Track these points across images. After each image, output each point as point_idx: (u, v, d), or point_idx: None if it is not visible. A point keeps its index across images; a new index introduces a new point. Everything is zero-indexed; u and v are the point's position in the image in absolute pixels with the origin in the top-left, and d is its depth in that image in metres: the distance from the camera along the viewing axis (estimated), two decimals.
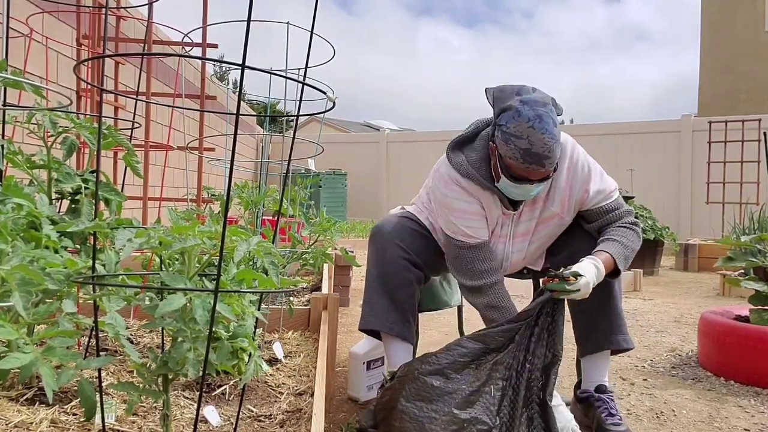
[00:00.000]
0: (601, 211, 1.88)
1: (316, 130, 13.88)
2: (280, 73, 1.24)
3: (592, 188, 1.85)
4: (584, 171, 1.86)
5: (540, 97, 1.70)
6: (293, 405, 1.41)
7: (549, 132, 1.64)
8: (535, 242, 1.93)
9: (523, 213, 1.88)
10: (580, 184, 1.85)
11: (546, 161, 1.66)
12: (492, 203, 1.86)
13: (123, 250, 0.98)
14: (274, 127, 7.59)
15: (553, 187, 1.84)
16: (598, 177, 1.87)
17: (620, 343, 1.88)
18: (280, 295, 2.25)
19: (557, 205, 1.86)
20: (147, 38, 2.25)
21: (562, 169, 1.83)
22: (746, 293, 2.68)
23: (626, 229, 1.84)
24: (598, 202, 1.87)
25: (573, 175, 1.84)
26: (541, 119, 1.64)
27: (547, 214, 1.88)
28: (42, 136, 1.40)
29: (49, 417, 1.14)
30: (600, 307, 1.87)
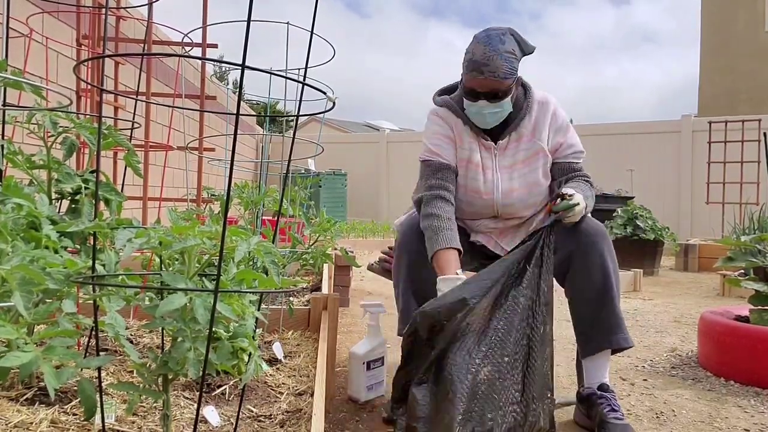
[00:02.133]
0: (567, 168, 2.06)
1: (316, 130, 13.88)
2: (280, 73, 1.24)
3: (568, 140, 2.06)
4: (563, 123, 2.07)
5: (500, 26, 1.94)
6: (293, 405, 1.41)
7: (491, 46, 1.85)
8: (526, 174, 2.04)
9: (509, 148, 2.04)
10: (556, 130, 2.05)
11: (484, 68, 1.85)
12: (464, 131, 2.05)
13: (123, 251, 0.98)
14: (274, 127, 7.60)
15: (537, 124, 2.03)
16: (572, 134, 2.08)
17: (620, 342, 1.90)
18: (280, 295, 2.25)
19: (543, 140, 2.03)
20: (147, 38, 2.25)
21: (546, 112, 2.04)
22: (746, 293, 2.68)
23: (584, 183, 2.02)
24: (567, 155, 2.06)
25: (554, 120, 2.05)
26: (489, 37, 1.87)
27: (534, 151, 2.04)
28: (42, 137, 1.40)
29: (49, 417, 1.14)
30: (599, 307, 1.91)
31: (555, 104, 2.08)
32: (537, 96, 2.07)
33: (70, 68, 3.97)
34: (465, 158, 2.06)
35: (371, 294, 4.41)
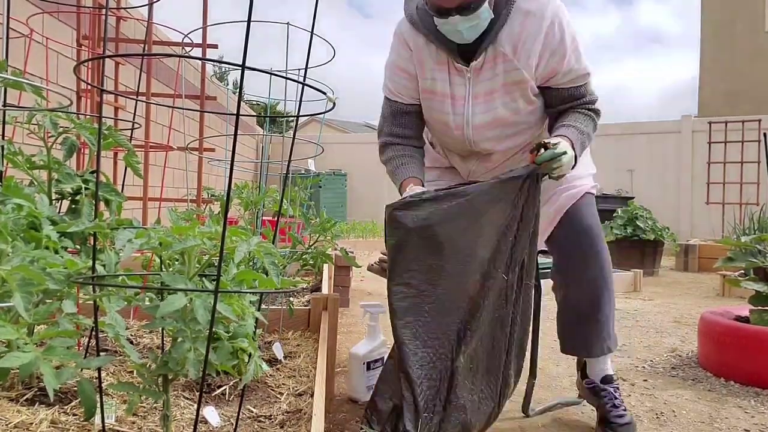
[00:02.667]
0: (566, 96, 1.76)
1: (316, 130, 13.89)
2: (280, 73, 1.24)
3: (565, 66, 1.70)
4: (561, 43, 1.68)
5: None
6: (293, 405, 1.41)
7: None
8: (507, 103, 1.76)
9: (484, 70, 1.73)
10: (551, 52, 1.69)
11: None
12: (428, 54, 1.76)
13: (123, 251, 0.98)
14: (274, 127, 7.60)
15: (523, 40, 1.67)
16: (572, 54, 1.70)
17: (609, 349, 1.89)
18: (280, 296, 2.25)
19: (524, 66, 1.69)
20: (147, 39, 2.25)
21: (537, 27, 1.66)
22: (746, 294, 2.68)
23: (584, 116, 1.76)
24: (566, 83, 1.74)
25: (549, 39, 1.67)
26: None
27: (515, 76, 1.71)
28: (42, 137, 1.40)
29: (49, 417, 1.14)
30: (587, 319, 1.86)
31: (553, 16, 1.66)
32: (526, 2, 1.67)
33: (70, 69, 3.97)
34: (428, 89, 1.81)
35: (371, 294, 4.41)
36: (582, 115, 1.75)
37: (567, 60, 1.69)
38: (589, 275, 1.81)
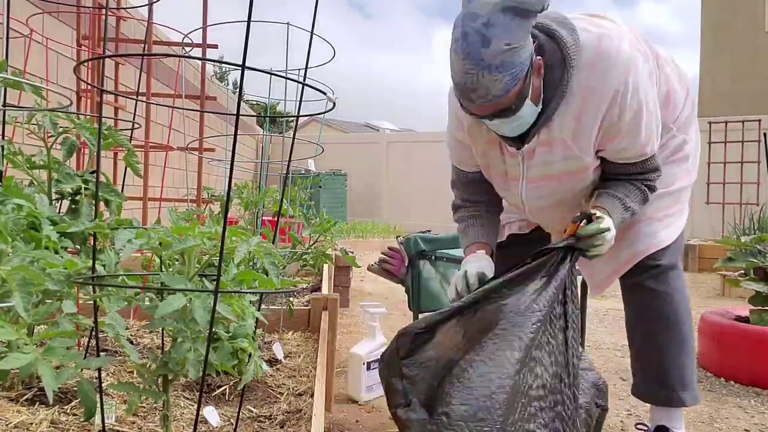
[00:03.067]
0: (619, 170, 1.54)
1: (316, 130, 13.88)
2: (280, 73, 1.24)
3: (614, 143, 1.47)
4: (619, 117, 1.41)
5: (482, 2, 1.29)
6: (293, 405, 1.41)
7: (471, 57, 1.28)
8: (560, 192, 1.59)
9: (538, 153, 1.51)
10: (606, 128, 1.45)
11: (473, 95, 1.32)
12: (480, 133, 1.57)
13: (123, 251, 0.98)
14: (274, 127, 7.60)
15: (581, 125, 1.43)
16: (628, 133, 1.44)
17: (684, 401, 1.65)
18: (280, 296, 2.25)
19: (586, 151, 1.47)
20: (147, 39, 2.25)
21: (598, 108, 1.40)
22: (746, 294, 2.68)
23: (635, 189, 1.53)
24: (616, 159, 1.53)
25: (606, 116, 1.42)
26: (466, 38, 1.29)
27: (577, 163, 1.50)
28: (42, 137, 1.40)
29: (49, 417, 1.14)
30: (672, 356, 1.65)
31: (617, 90, 1.37)
32: (587, 57, 1.37)
33: (70, 69, 3.97)
34: (485, 165, 1.66)
35: (371, 294, 4.41)
36: (634, 188, 1.53)
37: (619, 138, 1.46)
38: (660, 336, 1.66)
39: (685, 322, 1.65)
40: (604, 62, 1.39)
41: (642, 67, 1.43)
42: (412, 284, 2.62)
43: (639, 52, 1.45)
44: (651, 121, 1.47)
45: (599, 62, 1.39)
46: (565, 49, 1.38)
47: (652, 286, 1.64)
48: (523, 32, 1.30)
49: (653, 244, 1.62)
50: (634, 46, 1.45)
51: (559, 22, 1.42)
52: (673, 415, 1.67)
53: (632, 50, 1.42)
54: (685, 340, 1.65)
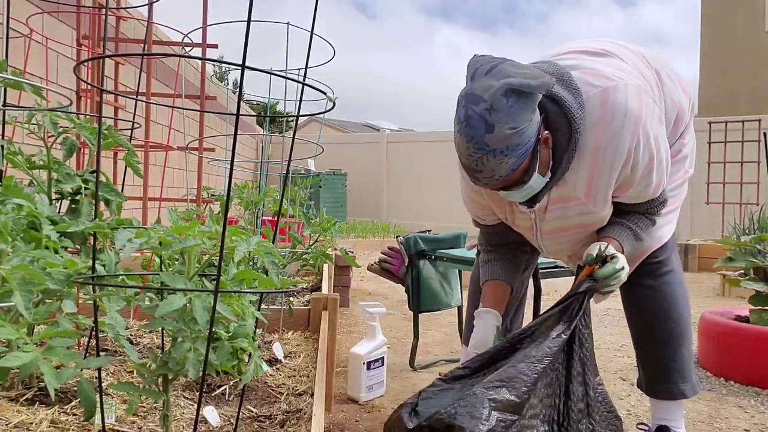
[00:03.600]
0: (630, 206, 1.56)
1: (316, 130, 13.88)
2: (280, 73, 1.24)
3: (627, 193, 1.49)
4: (631, 172, 1.43)
5: (485, 85, 1.30)
6: (293, 405, 1.41)
7: (475, 141, 1.29)
8: (576, 240, 1.62)
9: (551, 210, 1.54)
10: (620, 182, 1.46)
11: (479, 175, 1.34)
12: (494, 194, 1.57)
13: (123, 251, 0.98)
14: (274, 127, 7.60)
15: (594, 183, 1.44)
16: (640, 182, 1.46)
17: (685, 393, 1.68)
18: (280, 296, 2.25)
19: (601, 206, 1.49)
20: (147, 39, 2.25)
21: (611, 165, 1.40)
22: (746, 293, 2.68)
23: (645, 218, 1.57)
24: (631, 200, 1.54)
25: (620, 172, 1.42)
26: (468, 122, 1.30)
27: (592, 218, 1.53)
28: (42, 137, 1.40)
29: (49, 417, 1.14)
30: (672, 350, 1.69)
31: (629, 147, 1.37)
32: (593, 117, 1.37)
33: (70, 68, 3.97)
34: (503, 217, 1.68)
35: (371, 294, 4.41)
36: (644, 218, 1.56)
37: (633, 188, 1.48)
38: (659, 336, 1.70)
39: (683, 315, 1.68)
40: (612, 122, 1.37)
41: (650, 116, 1.41)
42: (412, 284, 2.62)
43: (646, 95, 1.43)
44: (662, 164, 1.47)
45: (607, 121, 1.37)
46: (570, 113, 1.37)
47: (650, 283, 1.67)
48: (528, 112, 1.30)
49: (656, 241, 1.65)
50: (641, 90, 1.42)
51: (561, 82, 1.39)
52: (673, 412, 1.69)
53: (640, 100, 1.40)
54: (684, 333, 1.68)
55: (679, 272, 1.72)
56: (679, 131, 1.69)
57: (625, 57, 1.54)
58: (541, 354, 1.35)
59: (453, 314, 2.99)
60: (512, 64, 1.34)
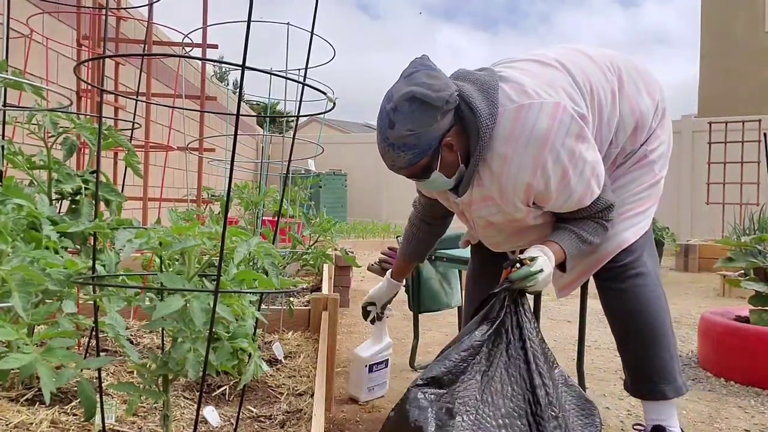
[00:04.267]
0: (567, 216, 1.63)
1: (316, 130, 13.88)
2: (280, 73, 1.24)
3: (551, 204, 1.57)
4: (545, 186, 1.51)
5: (398, 87, 1.46)
6: (293, 405, 1.41)
7: (381, 133, 1.48)
8: (506, 231, 1.71)
9: (474, 206, 1.65)
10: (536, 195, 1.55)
11: (384, 160, 1.52)
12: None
13: (123, 251, 0.98)
14: (274, 127, 7.60)
15: (504, 188, 1.55)
16: (560, 195, 1.53)
17: (666, 394, 1.69)
18: (280, 296, 2.25)
19: (515, 209, 1.58)
20: (147, 39, 2.25)
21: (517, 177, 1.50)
22: (746, 294, 2.68)
23: (593, 223, 1.61)
24: (563, 211, 1.61)
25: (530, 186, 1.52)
26: (380, 116, 1.49)
27: (509, 216, 1.63)
28: (42, 137, 1.40)
29: (49, 417, 1.14)
30: (648, 351, 1.71)
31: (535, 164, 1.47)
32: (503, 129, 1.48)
33: (70, 69, 3.97)
34: (441, 199, 1.79)
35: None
36: (592, 222, 1.61)
37: (552, 201, 1.56)
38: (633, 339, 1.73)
39: (658, 317, 1.69)
40: (520, 138, 1.48)
41: (564, 134, 1.48)
42: (412, 284, 2.62)
43: (564, 113, 1.48)
44: (583, 176, 1.52)
45: (515, 137, 1.48)
46: (479, 122, 1.48)
47: (619, 286, 1.70)
48: (427, 118, 1.44)
49: (616, 244, 1.67)
50: (558, 109, 1.48)
51: (483, 91, 1.51)
52: (663, 411, 1.70)
53: (553, 119, 1.47)
54: (658, 335, 1.68)
55: (651, 274, 1.71)
56: (640, 138, 1.71)
57: (576, 71, 1.60)
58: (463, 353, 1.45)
59: (453, 314, 2.99)
60: (428, 74, 1.46)
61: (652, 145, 1.74)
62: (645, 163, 1.74)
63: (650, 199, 1.75)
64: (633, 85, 1.70)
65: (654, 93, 1.74)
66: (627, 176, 1.73)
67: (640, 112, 1.69)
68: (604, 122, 1.64)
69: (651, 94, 1.73)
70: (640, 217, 1.72)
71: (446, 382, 1.43)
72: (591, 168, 1.53)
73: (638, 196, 1.72)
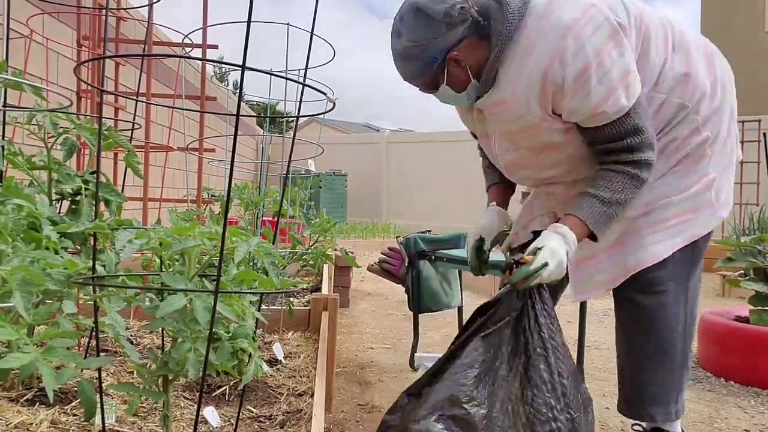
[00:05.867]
0: (593, 138, 1.46)
1: (316, 130, 13.87)
2: (280, 73, 1.24)
3: (567, 105, 1.42)
4: (563, 78, 1.38)
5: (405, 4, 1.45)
6: (293, 406, 1.41)
7: (392, 40, 1.47)
8: (524, 149, 1.58)
9: (491, 112, 1.56)
10: (553, 91, 1.41)
11: (399, 68, 1.50)
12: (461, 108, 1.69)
13: (123, 251, 0.98)
14: (274, 128, 7.60)
15: (519, 86, 1.44)
16: (578, 91, 1.39)
17: (654, 417, 1.57)
18: (280, 296, 2.25)
19: (528, 111, 1.46)
20: (147, 39, 2.25)
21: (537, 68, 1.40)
22: (746, 294, 2.68)
23: (616, 175, 1.44)
24: (581, 122, 1.45)
25: (546, 77, 1.40)
26: (392, 24, 1.47)
27: (521, 123, 1.50)
28: (42, 137, 1.40)
29: (49, 418, 1.14)
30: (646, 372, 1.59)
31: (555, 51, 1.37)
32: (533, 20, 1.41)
33: (70, 69, 3.97)
34: (471, 128, 1.75)
35: (371, 294, 4.41)
36: (614, 174, 1.43)
37: (570, 99, 1.41)
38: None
39: (669, 338, 1.55)
40: (543, 27, 1.40)
41: (591, 28, 1.38)
42: (412, 284, 2.62)
43: (596, 10, 1.40)
44: (609, 77, 1.38)
45: (538, 27, 1.41)
46: (506, 11, 1.42)
47: (638, 299, 1.57)
48: (431, 32, 1.41)
49: (648, 255, 1.53)
50: (593, 9, 1.40)
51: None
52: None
53: (584, 12, 1.39)
54: (665, 357, 1.56)
55: (674, 294, 1.56)
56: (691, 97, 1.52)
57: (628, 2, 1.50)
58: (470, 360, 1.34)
59: (453, 315, 2.99)
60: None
61: (699, 135, 1.54)
62: (690, 154, 1.54)
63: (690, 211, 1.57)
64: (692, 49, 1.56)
65: (711, 58, 1.60)
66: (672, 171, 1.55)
67: (697, 72, 1.53)
68: (651, 58, 1.49)
69: (710, 69, 1.58)
70: (677, 228, 1.56)
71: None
72: (621, 73, 1.39)
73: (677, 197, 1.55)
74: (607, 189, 1.43)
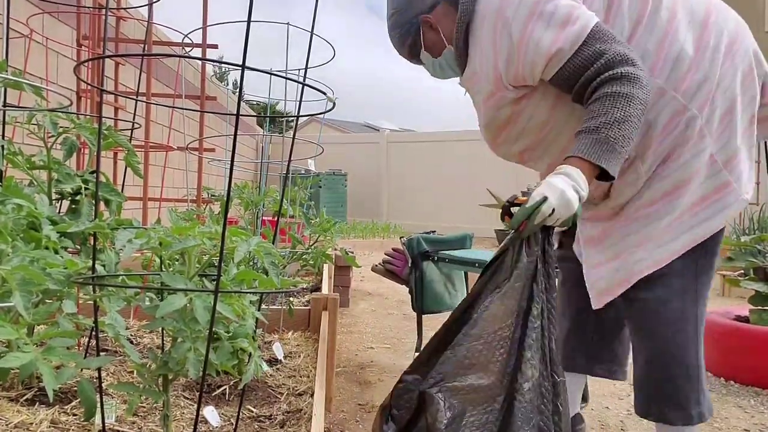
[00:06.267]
0: (564, 79, 1.36)
1: (316, 130, 13.88)
2: (280, 73, 1.24)
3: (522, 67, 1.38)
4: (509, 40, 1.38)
5: None
6: (293, 405, 1.41)
7: (388, 7, 1.59)
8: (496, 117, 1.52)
9: (472, 82, 1.56)
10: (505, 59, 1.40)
11: (391, 41, 1.62)
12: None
13: (123, 251, 0.98)
14: (274, 127, 7.60)
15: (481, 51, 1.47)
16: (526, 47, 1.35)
17: (672, 421, 1.49)
18: (280, 296, 2.25)
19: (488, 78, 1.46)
20: (147, 39, 2.25)
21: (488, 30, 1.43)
22: (746, 293, 2.68)
23: (600, 101, 1.30)
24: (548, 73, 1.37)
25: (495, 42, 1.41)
26: None
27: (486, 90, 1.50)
28: (42, 137, 1.40)
29: (49, 417, 1.14)
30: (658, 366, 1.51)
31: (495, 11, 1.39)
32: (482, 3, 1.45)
33: (70, 69, 3.97)
34: None
35: (371, 294, 4.41)
36: (594, 103, 1.31)
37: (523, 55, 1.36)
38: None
39: (674, 339, 1.48)
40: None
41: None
42: (416, 285, 2.61)
43: None
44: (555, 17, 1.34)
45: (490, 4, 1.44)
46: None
47: (633, 295, 1.50)
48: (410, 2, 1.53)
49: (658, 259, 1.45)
50: None
51: None
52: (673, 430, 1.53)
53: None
54: (673, 360, 1.49)
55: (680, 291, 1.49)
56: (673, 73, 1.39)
57: None
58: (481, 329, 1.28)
59: None
60: None
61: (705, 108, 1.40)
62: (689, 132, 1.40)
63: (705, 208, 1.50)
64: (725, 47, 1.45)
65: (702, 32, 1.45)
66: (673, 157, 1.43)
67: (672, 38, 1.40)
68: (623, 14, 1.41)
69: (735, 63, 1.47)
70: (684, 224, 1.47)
71: None
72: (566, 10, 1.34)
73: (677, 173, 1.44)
74: (590, 119, 1.31)
